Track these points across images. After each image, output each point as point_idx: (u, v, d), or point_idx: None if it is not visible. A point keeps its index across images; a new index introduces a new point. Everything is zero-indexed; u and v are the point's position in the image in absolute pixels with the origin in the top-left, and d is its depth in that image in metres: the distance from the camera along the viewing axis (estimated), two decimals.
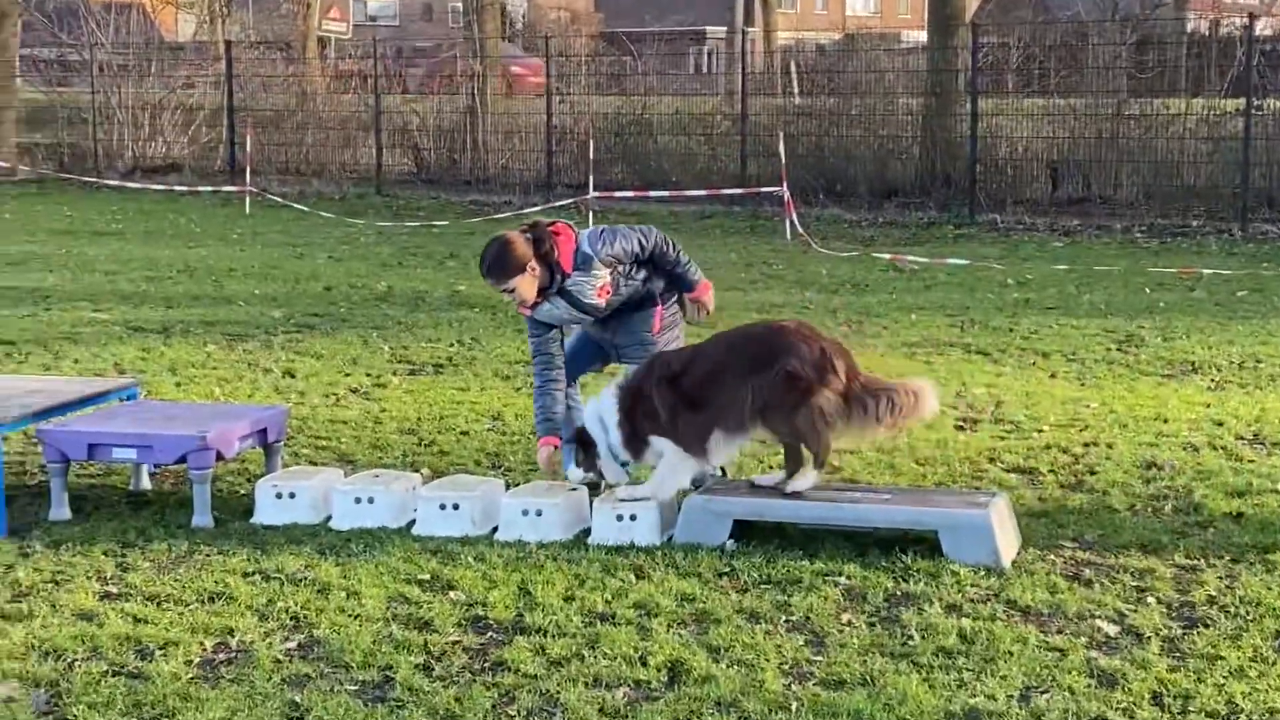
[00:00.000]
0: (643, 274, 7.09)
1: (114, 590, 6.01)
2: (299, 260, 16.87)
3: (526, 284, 6.86)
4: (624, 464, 6.77)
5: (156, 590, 5.98)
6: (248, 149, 24.74)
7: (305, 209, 22.61)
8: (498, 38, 27.49)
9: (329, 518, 6.92)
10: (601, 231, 7.01)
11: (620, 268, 7.00)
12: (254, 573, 6.20)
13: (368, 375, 10.39)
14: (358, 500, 6.85)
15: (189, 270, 15.93)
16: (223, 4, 33.44)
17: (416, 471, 7.61)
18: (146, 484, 7.53)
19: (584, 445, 6.81)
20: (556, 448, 7.11)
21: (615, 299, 7.05)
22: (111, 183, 26.54)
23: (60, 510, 6.98)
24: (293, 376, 10.38)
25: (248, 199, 23.31)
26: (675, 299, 7.27)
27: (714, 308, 7.36)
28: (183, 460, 6.90)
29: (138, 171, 28.08)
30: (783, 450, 6.78)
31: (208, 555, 6.44)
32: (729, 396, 6.48)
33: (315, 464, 7.96)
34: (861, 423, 6.48)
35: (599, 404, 6.75)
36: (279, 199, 23.72)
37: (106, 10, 33.97)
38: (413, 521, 6.84)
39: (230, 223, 21.20)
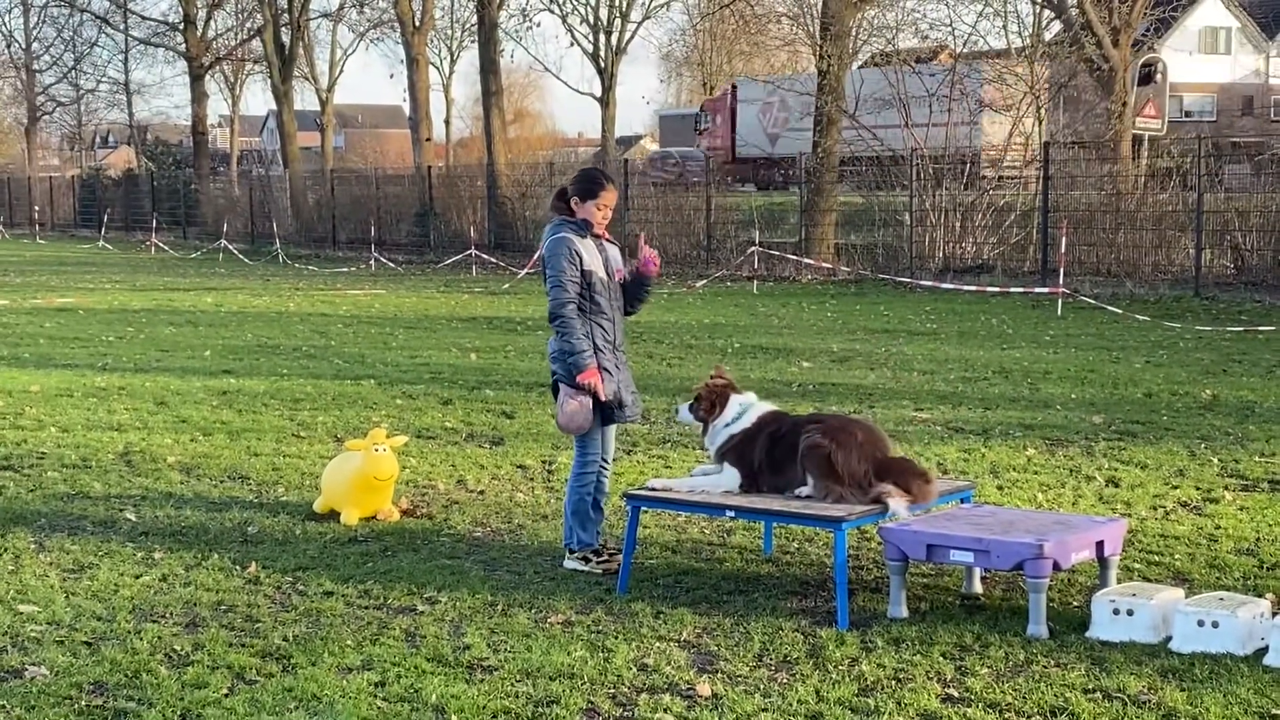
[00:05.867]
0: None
1: (955, 694, 6.05)
2: (1115, 364, 16.57)
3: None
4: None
5: (997, 698, 5.96)
6: (1061, 250, 24.71)
7: (1118, 311, 22.24)
8: None
9: (1169, 639, 6.64)
10: None
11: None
12: (1094, 690, 6.05)
13: (1197, 489, 9.97)
14: (1201, 623, 6.53)
15: (1004, 372, 16.05)
16: (1039, 107, 33.73)
17: (1262, 597, 7.16)
18: (978, 587, 7.57)
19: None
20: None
21: (620, 290, 8.16)
22: (925, 283, 27.35)
23: (898, 608, 7.15)
24: (1116, 485, 10.14)
25: (1059, 300, 23.26)
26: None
27: None
28: (1018, 568, 6.87)
29: (949, 272, 28.79)
30: None
31: (1045, 667, 6.35)
32: (786, 480, 7.57)
33: (1149, 580, 7.70)
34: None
35: (744, 408, 7.83)
36: (1090, 300, 23.49)
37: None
38: (1262, 650, 6.43)
39: (1042, 324, 21.22)
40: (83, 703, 6.03)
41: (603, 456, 8.25)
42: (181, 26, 59.67)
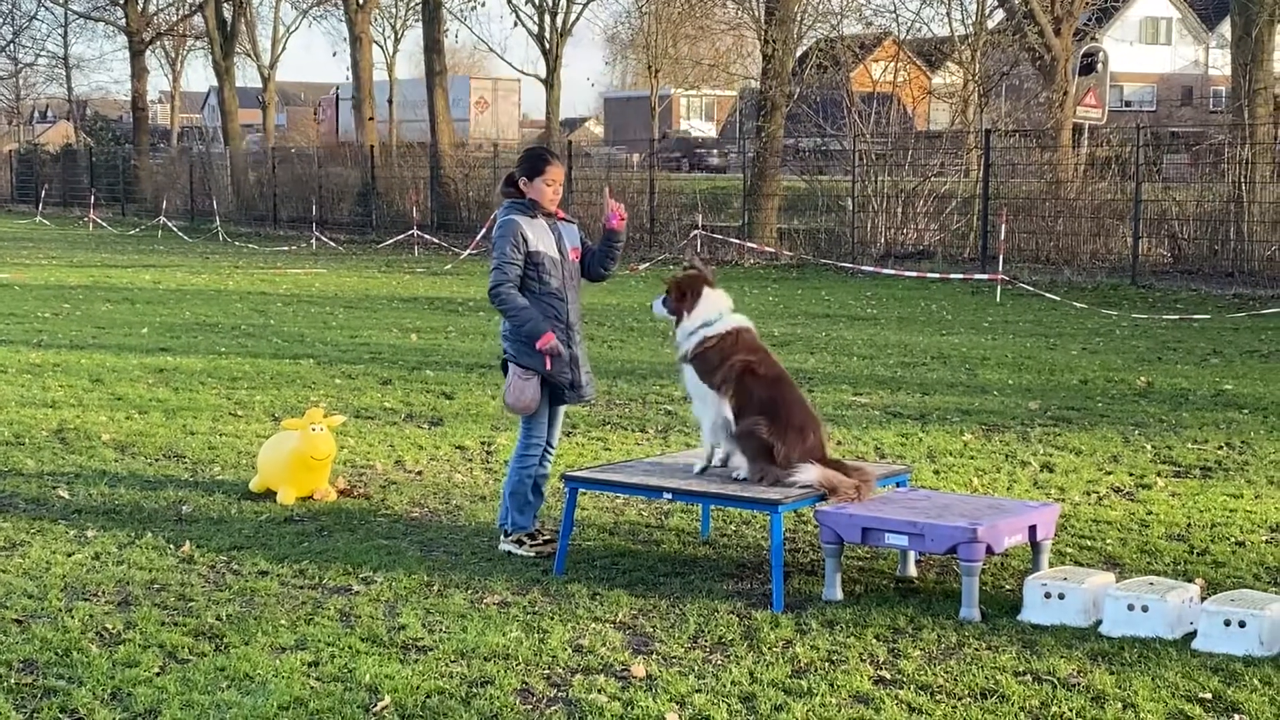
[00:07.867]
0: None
1: (887, 676, 6.09)
2: (1052, 351, 16.71)
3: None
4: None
5: (928, 681, 6.01)
6: (1001, 236, 24.86)
7: (1056, 298, 22.42)
8: (1271, 123, 26.16)
9: (1099, 622, 6.72)
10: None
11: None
12: (1025, 673, 6.11)
13: (1130, 475, 10.07)
14: (1131, 608, 6.61)
15: (942, 357, 16.15)
16: (980, 94, 33.90)
17: (1191, 581, 7.25)
18: (913, 571, 7.62)
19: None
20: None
21: (576, 268, 8.16)
22: (866, 268, 27.46)
23: (833, 591, 7.19)
24: (1051, 470, 10.23)
25: (998, 287, 23.43)
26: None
27: None
28: (952, 551, 6.92)
29: (890, 257, 28.90)
30: None
31: (977, 650, 6.41)
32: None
33: (1080, 564, 7.77)
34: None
35: (719, 314, 7.74)
36: (1029, 287, 23.67)
37: (867, 101, 35.37)
38: (1190, 635, 6.51)
39: (980, 311, 21.35)
40: (12, 681, 5.98)
41: (548, 439, 8.24)
42: (122, 1, 59.01)
